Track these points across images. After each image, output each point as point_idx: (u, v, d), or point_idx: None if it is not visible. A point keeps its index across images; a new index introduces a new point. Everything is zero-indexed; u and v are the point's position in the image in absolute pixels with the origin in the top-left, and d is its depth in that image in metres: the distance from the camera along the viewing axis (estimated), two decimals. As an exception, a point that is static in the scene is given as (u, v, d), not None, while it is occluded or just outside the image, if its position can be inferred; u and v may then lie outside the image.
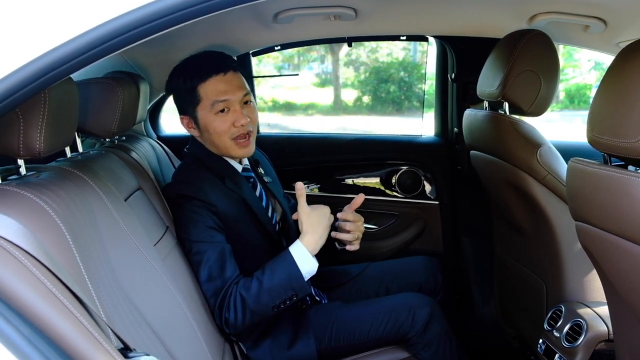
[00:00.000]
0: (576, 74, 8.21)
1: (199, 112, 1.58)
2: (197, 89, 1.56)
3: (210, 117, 1.57)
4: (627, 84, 0.96)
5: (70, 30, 0.79)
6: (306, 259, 1.49)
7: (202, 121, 1.58)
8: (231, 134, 1.58)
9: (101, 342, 0.77)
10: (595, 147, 1.05)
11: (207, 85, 1.55)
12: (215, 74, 1.56)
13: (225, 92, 1.56)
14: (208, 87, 1.55)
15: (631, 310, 1.12)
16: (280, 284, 1.46)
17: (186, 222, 1.52)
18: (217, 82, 1.56)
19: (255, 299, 1.45)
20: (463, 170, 2.35)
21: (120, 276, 1.10)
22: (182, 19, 0.80)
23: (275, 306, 1.48)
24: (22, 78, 0.78)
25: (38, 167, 1.11)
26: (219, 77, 1.56)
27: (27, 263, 0.77)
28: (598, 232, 1.08)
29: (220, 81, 1.56)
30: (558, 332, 1.58)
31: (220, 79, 1.56)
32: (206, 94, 1.56)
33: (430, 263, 1.94)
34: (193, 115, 1.59)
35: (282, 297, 1.47)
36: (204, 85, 1.55)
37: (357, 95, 9.14)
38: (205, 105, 1.56)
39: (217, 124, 1.57)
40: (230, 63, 1.60)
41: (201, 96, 1.56)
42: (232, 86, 1.57)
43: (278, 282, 1.46)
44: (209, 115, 1.57)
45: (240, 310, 1.45)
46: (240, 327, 1.48)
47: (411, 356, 1.61)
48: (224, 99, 1.56)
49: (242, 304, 1.45)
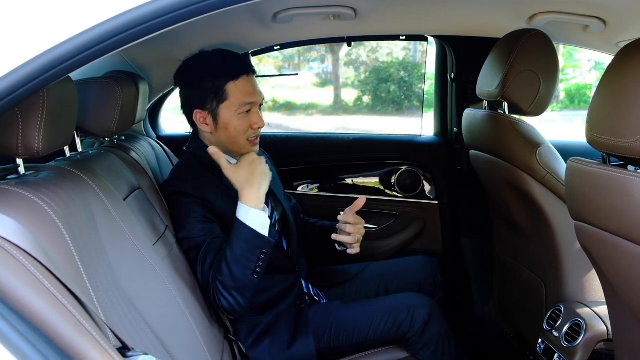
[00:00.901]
0: (576, 74, 8.20)
1: (223, 110, 1.57)
2: (226, 87, 1.56)
3: (234, 116, 1.57)
4: (626, 83, 0.96)
5: (69, 29, 0.79)
6: (253, 215, 1.44)
7: (223, 119, 1.58)
8: (248, 134, 1.60)
9: (99, 342, 0.77)
10: (594, 147, 1.05)
11: (237, 84, 1.56)
12: (246, 75, 1.57)
13: (253, 94, 1.58)
14: (238, 86, 1.56)
15: (630, 310, 1.12)
16: (242, 250, 1.42)
17: (182, 220, 1.52)
18: (246, 83, 1.57)
19: (228, 276, 1.42)
20: (462, 170, 2.35)
21: (119, 276, 1.10)
22: (181, 18, 0.80)
23: (252, 271, 1.42)
24: (20, 77, 0.78)
25: (37, 167, 1.11)
26: (247, 78, 1.58)
27: (25, 262, 0.77)
28: (597, 232, 1.08)
29: (248, 82, 1.58)
30: (557, 332, 1.58)
31: (248, 80, 1.58)
32: (235, 94, 1.56)
33: (430, 263, 1.94)
34: (214, 111, 1.58)
35: (253, 260, 1.42)
36: (233, 83, 1.56)
37: (357, 95, 9.12)
38: (232, 103, 1.56)
39: (239, 123, 1.58)
40: (252, 66, 1.62)
41: (229, 95, 1.56)
42: (257, 89, 1.60)
43: (239, 250, 1.42)
44: (233, 114, 1.57)
45: (226, 294, 1.43)
46: (238, 309, 1.45)
47: (410, 356, 1.61)
48: (251, 101, 1.57)
49: (223, 287, 1.42)
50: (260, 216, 1.45)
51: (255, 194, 1.46)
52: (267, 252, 1.45)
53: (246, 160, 1.50)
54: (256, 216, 1.44)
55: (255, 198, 1.45)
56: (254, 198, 1.45)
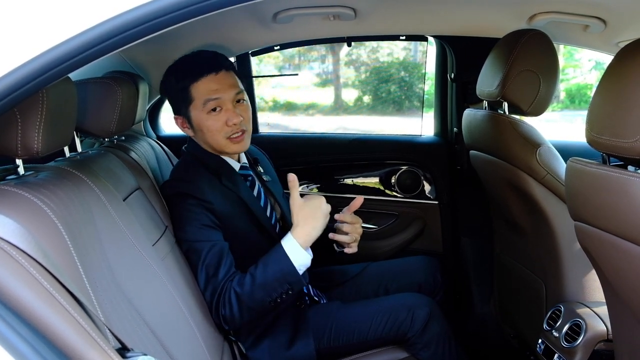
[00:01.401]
0: (577, 73, 8.20)
1: (192, 112, 1.58)
2: (190, 88, 1.56)
3: (202, 117, 1.57)
4: (626, 83, 0.96)
5: (68, 29, 0.79)
6: (298, 252, 1.46)
7: (195, 121, 1.58)
8: (225, 133, 1.58)
9: (98, 342, 0.77)
10: (594, 147, 1.05)
11: (199, 84, 1.55)
12: (207, 74, 1.56)
13: (217, 90, 1.56)
14: (200, 86, 1.55)
15: (630, 310, 1.12)
16: (273, 279, 1.45)
17: (183, 221, 1.52)
18: (209, 82, 1.56)
19: (249, 295, 1.44)
20: (462, 170, 2.35)
21: (118, 276, 1.10)
22: (181, 18, 0.80)
23: (272, 300, 1.46)
24: (19, 77, 0.78)
25: (36, 167, 1.11)
26: (210, 77, 1.56)
27: (24, 263, 0.77)
28: (597, 232, 1.08)
29: (211, 80, 1.56)
30: (557, 332, 1.58)
31: (212, 78, 1.56)
32: (198, 94, 1.56)
33: (430, 263, 1.94)
34: (186, 115, 1.59)
35: (278, 291, 1.45)
36: (196, 84, 1.55)
37: (357, 95, 9.12)
38: (197, 104, 1.56)
39: (210, 123, 1.57)
40: (223, 62, 1.60)
41: (193, 96, 1.56)
42: (224, 85, 1.57)
43: (271, 276, 1.45)
44: (201, 114, 1.57)
45: (235, 307, 1.45)
46: (238, 323, 1.48)
47: (410, 356, 1.61)
48: (215, 97, 1.56)
49: (237, 300, 1.44)
50: (304, 256, 1.47)
51: (309, 233, 1.47)
52: (293, 291, 1.48)
53: (315, 202, 1.49)
54: (301, 254, 1.47)
55: (306, 237, 1.47)
56: (305, 236, 1.47)
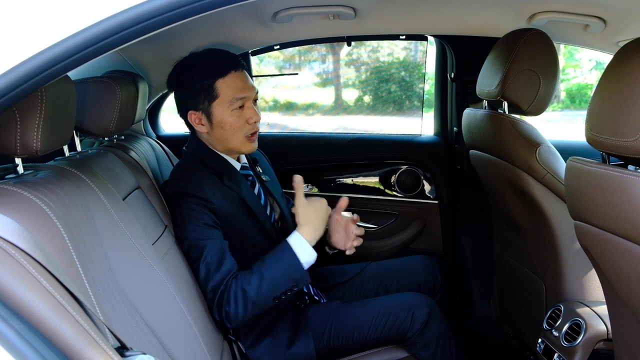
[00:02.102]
0: (577, 73, 8.19)
1: (215, 108, 1.58)
2: (215, 84, 1.56)
3: (227, 113, 1.58)
4: (625, 82, 0.95)
5: (67, 27, 0.78)
6: (304, 248, 1.51)
7: (217, 117, 1.58)
8: (245, 130, 1.60)
9: (98, 341, 0.77)
10: (594, 146, 1.05)
11: (225, 80, 1.56)
12: (234, 70, 1.57)
13: (243, 89, 1.58)
14: (227, 82, 1.57)
15: (630, 309, 1.12)
16: (281, 275, 1.48)
17: (183, 220, 1.52)
18: (235, 79, 1.57)
19: (256, 291, 1.46)
20: (462, 170, 2.35)
21: (118, 275, 1.10)
22: (178, 17, 0.80)
23: (276, 297, 1.48)
24: (18, 76, 0.78)
25: (36, 166, 1.11)
26: (237, 74, 1.58)
27: (23, 262, 0.77)
28: (597, 232, 1.08)
29: (238, 77, 1.58)
30: (557, 332, 1.58)
31: (238, 75, 1.58)
32: (224, 90, 1.57)
33: (430, 262, 1.94)
34: (207, 111, 1.59)
35: (283, 288, 1.48)
36: (222, 80, 1.56)
37: (358, 95, 9.11)
38: (223, 101, 1.57)
39: (233, 119, 1.58)
40: (241, 61, 1.62)
41: (219, 92, 1.57)
42: (248, 83, 1.60)
43: (279, 273, 1.48)
44: (226, 111, 1.58)
45: (241, 303, 1.45)
46: (241, 321, 1.48)
47: (410, 356, 1.61)
48: (243, 96, 1.58)
49: (244, 296, 1.45)
50: (310, 253, 1.52)
51: (314, 231, 1.54)
52: (298, 287, 1.50)
53: (319, 203, 1.58)
54: (307, 250, 1.51)
55: (312, 235, 1.53)
56: (310, 234, 1.53)
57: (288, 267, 1.49)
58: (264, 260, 1.50)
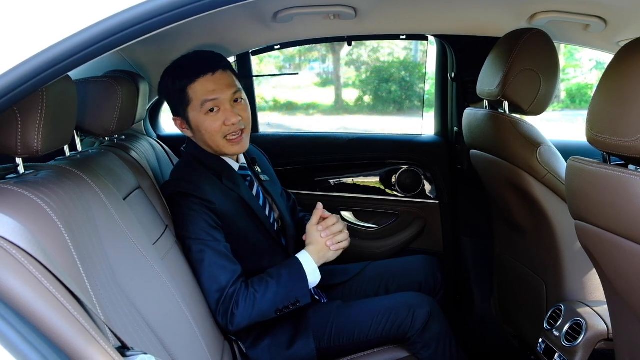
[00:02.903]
0: (577, 73, 8.21)
1: (190, 113, 1.58)
2: (187, 89, 1.56)
3: (201, 117, 1.57)
4: (626, 82, 0.95)
5: (67, 27, 0.78)
6: (312, 267, 1.55)
7: (193, 122, 1.59)
8: (223, 132, 1.58)
9: (99, 341, 0.77)
10: (594, 146, 1.05)
11: (195, 85, 1.56)
12: (204, 74, 1.56)
13: (214, 91, 1.56)
14: (197, 87, 1.56)
15: (631, 309, 1.12)
16: (287, 290, 1.51)
17: (184, 220, 1.52)
18: (206, 82, 1.56)
19: (262, 299, 1.48)
20: (463, 170, 2.35)
21: (118, 275, 1.10)
22: (179, 17, 0.80)
23: (279, 310, 1.51)
24: (19, 76, 0.78)
25: (36, 166, 1.11)
26: (207, 77, 1.56)
27: (24, 261, 0.77)
28: (597, 231, 1.08)
29: (208, 81, 1.56)
30: (558, 332, 1.58)
31: (209, 78, 1.56)
32: (195, 95, 1.56)
33: (430, 262, 1.94)
34: (185, 116, 1.60)
35: (286, 302, 1.51)
36: (192, 86, 1.56)
37: (358, 95, 9.13)
38: (195, 105, 1.57)
39: (208, 123, 1.57)
40: (219, 62, 1.60)
41: (191, 97, 1.56)
42: (221, 85, 1.57)
43: (283, 287, 1.50)
44: (199, 115, 1.57)
45: (249, 308, 1.47)
46: (244, 324, 1.49)
47: (411, 355, 1.61)
48: (212, 98, 1.56)
49: (245, 306, 1.47)
50: (316, 274, 1.56)
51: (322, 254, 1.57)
52: (300, 304, 1.52)
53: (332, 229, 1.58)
54: (313, 270, 1.55)
55: (317, 254, 1.57)
56: (316, 253, 1.57)
57: (293, 283, 1.51)
58: (272, 273, 1.53)
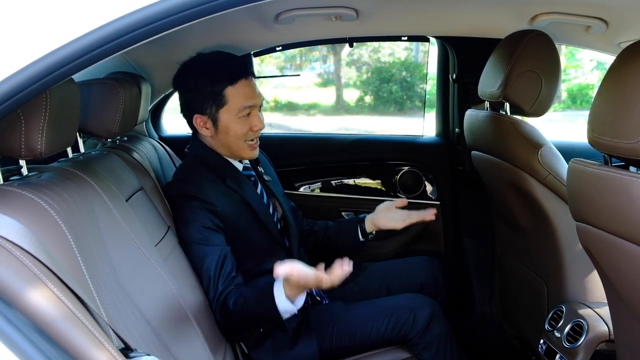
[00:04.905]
0: (578, 74, 8.21)
1: (223, 115, 1.58)
2: (224, 91, 1.56)
3: (234, 120, 1.58)
4: (627, 84, 0.96)
5: (72, 31, 0.79)
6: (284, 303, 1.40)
7: (223, 123, 1.58)
8: (247, 137, 1.60)
9: (102, 342, 0.78)
10: (595, 148, 1.05)
11: (236, 88, 1.56)
12: (245, 78, 1.57)
13: (252, 97, 1.58)
14: (237, 90, 1.56)
15: (632, 310, 1.12)
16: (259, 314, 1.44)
17: (186, 222, 1.53)
18: (245, 87, 1.57)
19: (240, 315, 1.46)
20: (464, 171, 2.35)
21: (121, 276, 1.10)
22: (183, 20, 0.80)
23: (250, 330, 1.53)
24: (23, 79, 0.78)
25: (40, 168, 1.11)
26: (246, 81, 1.58)
27: (28, 263, 0.78)
28: (598, 233, 1.08)
29: (246, 86, 1.58)
30: (559, 333, 1.58)
31: (247, 83, 1.58)
32: (234, 98, 1.56)
33: (431, 263, 1.94)
34: (214, 116, 1.59)
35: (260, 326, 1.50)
36: (232, 88, 1.56)
37: (359, 95, 9.14)
38: (231, 108, 1.57)
39: (239, 127, 1.58)
40: (250, 68, 1.62)
41: (228, 99, 1.56)
42: (256, 91, 1.60)
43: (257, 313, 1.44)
44: (232, 118, 1.58)
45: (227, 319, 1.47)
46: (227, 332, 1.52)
47: (412, 356, 1.61)
48: (251, 104, 1.58)
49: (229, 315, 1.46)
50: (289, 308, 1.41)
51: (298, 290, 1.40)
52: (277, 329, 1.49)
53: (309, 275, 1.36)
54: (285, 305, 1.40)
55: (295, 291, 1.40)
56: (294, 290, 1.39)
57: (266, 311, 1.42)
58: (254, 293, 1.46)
